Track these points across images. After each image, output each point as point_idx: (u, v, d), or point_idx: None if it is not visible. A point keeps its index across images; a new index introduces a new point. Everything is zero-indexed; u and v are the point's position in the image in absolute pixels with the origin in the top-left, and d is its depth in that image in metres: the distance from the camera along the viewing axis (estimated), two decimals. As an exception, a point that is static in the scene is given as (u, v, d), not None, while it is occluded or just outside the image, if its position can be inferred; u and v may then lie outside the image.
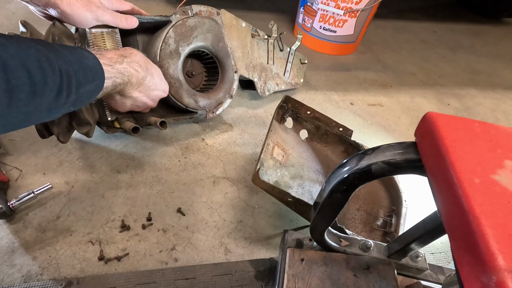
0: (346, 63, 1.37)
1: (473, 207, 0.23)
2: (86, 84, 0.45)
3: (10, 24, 1.15)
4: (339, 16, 1.27)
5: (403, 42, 1.64)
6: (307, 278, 0.46)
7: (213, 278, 0.59)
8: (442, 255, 0.71)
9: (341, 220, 0.69)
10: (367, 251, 0.50)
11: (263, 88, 0.99)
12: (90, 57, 0.46)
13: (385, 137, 1.02)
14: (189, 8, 0.76)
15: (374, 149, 0.35)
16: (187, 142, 0.87)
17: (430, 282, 0.52)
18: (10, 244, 0.60)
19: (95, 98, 0.50)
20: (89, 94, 0.47)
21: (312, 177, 0.69)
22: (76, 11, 0.59)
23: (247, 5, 1.70)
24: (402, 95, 1.24)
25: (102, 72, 0.48)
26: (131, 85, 0.57)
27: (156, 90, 0.64)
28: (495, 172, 0.26)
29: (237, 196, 0.76)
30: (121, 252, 0.62)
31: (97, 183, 0.73)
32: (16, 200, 0.62)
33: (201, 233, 0.67)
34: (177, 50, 0.74)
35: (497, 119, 1.21)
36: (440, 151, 0.27)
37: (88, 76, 0.45)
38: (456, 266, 0.24)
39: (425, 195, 0.81)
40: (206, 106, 0.82)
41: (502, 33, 1.98)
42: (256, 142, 0.91)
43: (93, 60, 0.47)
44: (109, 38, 0.65)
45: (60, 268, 0.58)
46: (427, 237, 0.42)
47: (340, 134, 0.78)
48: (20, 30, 0.64)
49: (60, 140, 0.66)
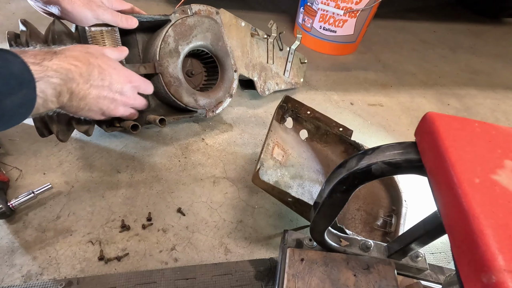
0: (346, 63, 1.37)
1: (473, 207, 0.23)
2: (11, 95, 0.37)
3: (10, 24, 1.15)
4: (339, 16, 1.27)
5: (403, 42, 1.64)
6: (307, 278, 0.46)
7: (213, 278, 0.59)
8: (442, 255, 0.71)
9: (341, 220, 0.69)
10: (367, 251, 0.50)
11: (263, 87, 0.99)
12: (16, 61, 0.39)
13: (385, 137, 1.02)
14: (188, 7, 0.76)
15: (374, 149, 0.35)
16: (187, 142, 0.87)
17: (430, 282, 0.52)
18: (10, 244, 0.60)
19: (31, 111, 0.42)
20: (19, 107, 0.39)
21: (312, 177, 0.69)
22: (77, 9, 0.59)
23: (247, 5, 1.70)
24: (402, 95, 1.23)
25: (31, 77, 0.40)
26: (77, 83, 0.48)
27: (117, 82, 0.56)
28: (495, 172, 0.26)
29: (237, 196, 0.76)
30: (121, 252, 0.62)
31: (97, 183, 0.73)
32: (16, 200, 0.62)
33: (201, 233, 0.67)
34: (177, 49, 0.74)
35: (497, 119, 1.21)
36: (440, 151, 0.27)
37: (11, 84, 0.37)
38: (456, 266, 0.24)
39: (425, 195, 0.81)
40: (206, 105, 0.82)
41: (502, 33, 1.98)
42: (256, 142, 0.91)
43: (19, 65, 0.39)
44: (109, 37, 0.65)
45: (60, 268, 0.58)
46: (427, 237, 0.42)
47: (340, 134, 0.78)
48: (20, 29, 0.64)
49: (60, 139, 0.66)
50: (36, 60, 0.42)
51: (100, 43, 0.64)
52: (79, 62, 0.48)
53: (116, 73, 0.56)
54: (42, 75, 0.42)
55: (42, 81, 0.42)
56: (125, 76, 0.58)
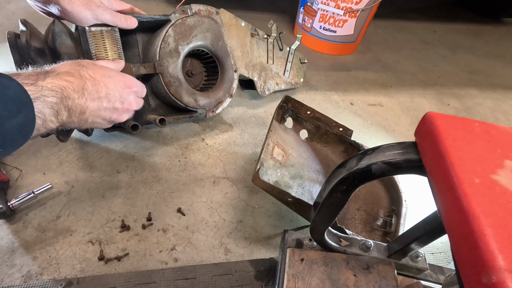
0: (346, 63, 1.37)
1: (473, 207, 0.23)
2: (11, 118, 0.38)
3: (10, 24, 1.15)
4: (339, 16, 1.27)
5: (403, 42, 1.64)
6: (307, 278, 0.46)
7: (213, 278, 0.59)
8: (442, 255, 0.71)
9: (341, 220, 0.69)
10: (367, 251, 0.50)
11: (263, 87, 0.99)
12: (11, 84, 0.39)
13: (385, 137, 1.02)
14: (188, 7, 0.76)
15: (374, 149, 0.35)
16: (187, 142, 0.87)
17: (430, 282, 0.52)
18: (10, 244, 0.60)
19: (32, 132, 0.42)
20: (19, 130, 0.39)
21: (312, 177, 0.69)
22: (76, 9, 0.59)
23: (247, 5, 1.70)
24: (402, 95, 1.24)
25: (28, 99, 0.40)
26: (73, 99, 0.47)
27: (114, 90, 0.55)
28: (495, 172, 0.26)
29: (237, 196, 0.76)
30: (121, 252, 0.62)
31: (97, 183, 0.73)
32: (16, 200, 0.62)
33: (201, 233, 0.67)
34: (177, 49, 0.74)
35: (497, 119, 1.21)
36: (440, 151, 0.27)
37: (9, 108, 0.37)
38: (456, 266, 0.24)
39: (425, 195, 0.81)
40: (206, 105, 0.82)
41: (502, 33, 1.98)
42: (256, 142, 0.91)
43: (15, 87, 0.39)
44: (109, 37, 0.65)
45: (60, 268, 0.58)
46: (427, 237, 0.42)
47: (340, 134, 0.78)
48: (20, 29, 0.64)
49: (60, 139, 0.66)
50: (30, 81, 0.42)
51: (100, 43, 0.64)
52: (71, 77, 0.47)
53: (111, 81, 0.54)
54: (38, 95, 0.42)
55: (38, 101, 0.42)
56: (121, 82, 0.56)
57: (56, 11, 0.59)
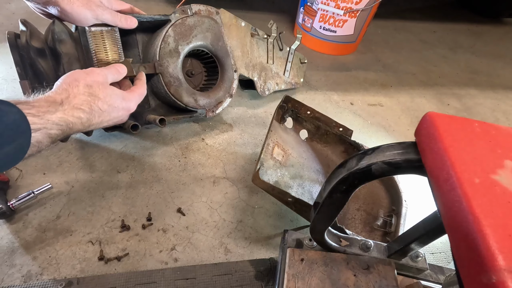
0: (346, 63, 1.37)
1: (473, 207, 0.23)
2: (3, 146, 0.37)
3: (10, 24, 1.15)
4: (339, 16, 1.27)
5: (403, 42, 1.64)
6: (307, 278, 0.46)
7: (213, 278, 0.59)
8: (442, 255, 0.71)
9: (341, 220, 0.69)
10: (367, 251, 0.50)
11: (263, 87, 0.99)
12: (11, 111, 0.38)
13: (385, 137, 1.02)
14: (188, 7, 0.76)
15: (374, 149, 0.35)
16: (187, 142, 0.87)
17: (430, 282, 0.52)
18: (10, 244, 0.60)
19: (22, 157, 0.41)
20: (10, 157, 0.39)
21: (312, 177, 0.69)
22: (76, 10, 0.59)
23: (247, 5, 1.70)
24: (402, 95, 1.23)
25: (27, 128, 0.39)
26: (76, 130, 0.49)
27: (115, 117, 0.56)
28: (495, 172, 0.26)
29: (237, 196, 0.76)
30: (121, 252, 0.62)
31: (97, 183, 0.73)
32: (16, 200, 0.62)
33: (201, 233, 0.67)
34: (177, 49, 0.74)
35: (497, 119, 1.21)
36: (440, 151, 0.27)
37: (4, 136, 0.37)
38: (456, 266, 0.24)
39: (425, 195, 0.81)
40: (206, 105, 0.82)
41: (502, 33, 1.98)
42: (256, 142, 0.91)
43: (15, 114, 0.38)
44: (109, 37, 0.65)
45: (60, 268, 0.58)
46: (427, 237, 0.42)
47: (340, 134, 0.78)
48: (20, 29, 0.64)
49: (60, 139, 0.66)
50: (38, 113, 0.41)
51: (100, 43, 0.64)
52: (82, 113, 0.48)
53: (116, 111, 0.55)
54: (41, 127, 0.41)
55: (39, 132, 0.41)
56: (124, 110, 0.58)
57: (56, 12, 0.59)
